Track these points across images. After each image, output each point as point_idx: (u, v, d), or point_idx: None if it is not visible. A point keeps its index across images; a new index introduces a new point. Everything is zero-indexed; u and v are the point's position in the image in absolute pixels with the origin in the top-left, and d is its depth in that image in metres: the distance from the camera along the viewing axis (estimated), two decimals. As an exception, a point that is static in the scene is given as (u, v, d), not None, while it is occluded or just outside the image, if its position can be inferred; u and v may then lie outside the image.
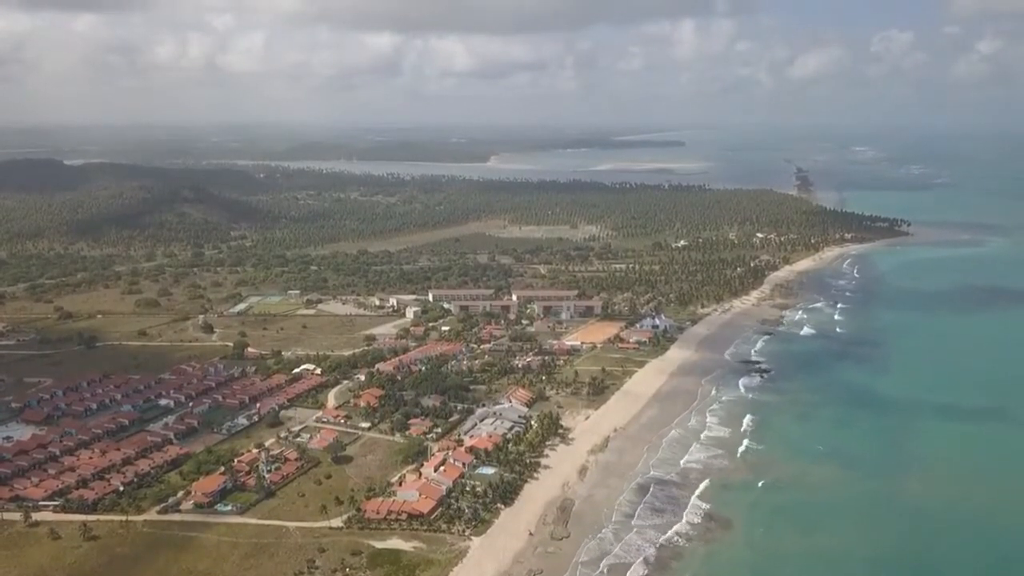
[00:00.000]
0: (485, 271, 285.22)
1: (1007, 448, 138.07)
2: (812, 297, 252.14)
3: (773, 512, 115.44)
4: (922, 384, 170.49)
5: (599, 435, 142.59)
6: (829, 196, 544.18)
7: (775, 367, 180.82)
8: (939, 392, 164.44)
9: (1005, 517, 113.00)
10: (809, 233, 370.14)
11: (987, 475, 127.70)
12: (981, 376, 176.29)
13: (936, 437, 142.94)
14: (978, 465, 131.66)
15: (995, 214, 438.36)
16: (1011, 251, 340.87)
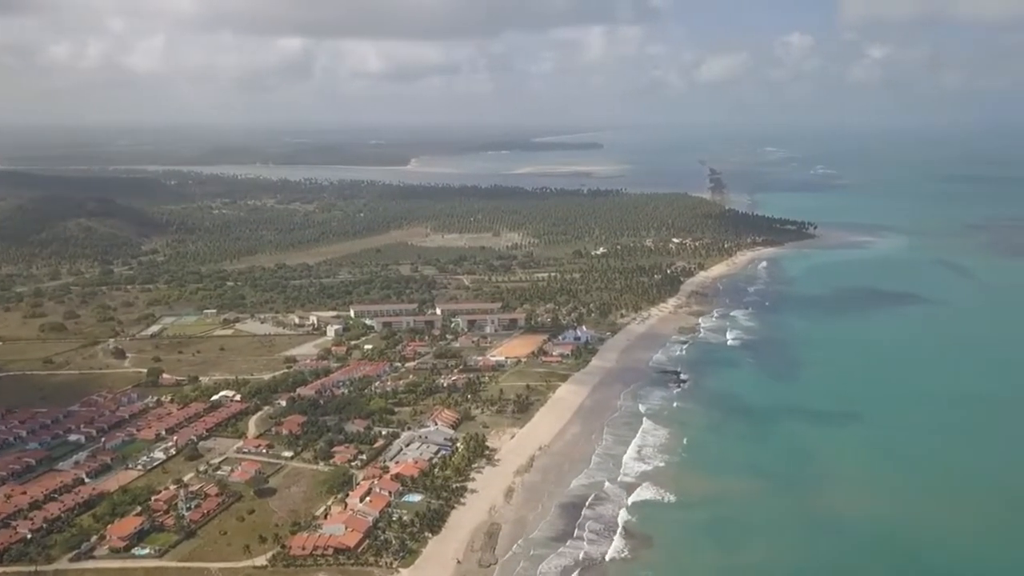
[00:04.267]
0: (408, 284, 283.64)
1: (910, 454, 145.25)
2: (727, 303, 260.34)
3: (693, 528, 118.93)
4: (831, 391, 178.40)
5: (525, 455, 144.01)
6: (741, 199, 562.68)
7: (693, 377, 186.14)
8: (847, 400, 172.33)
9: (913, 527, 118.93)
10: (723, 237, 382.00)
11: (894, 484, 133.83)
12: (885, 382, 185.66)
13: (844, 445, 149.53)
14: (884, 473, 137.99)
15: (893, 214, 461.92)
16: (908, 251, 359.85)
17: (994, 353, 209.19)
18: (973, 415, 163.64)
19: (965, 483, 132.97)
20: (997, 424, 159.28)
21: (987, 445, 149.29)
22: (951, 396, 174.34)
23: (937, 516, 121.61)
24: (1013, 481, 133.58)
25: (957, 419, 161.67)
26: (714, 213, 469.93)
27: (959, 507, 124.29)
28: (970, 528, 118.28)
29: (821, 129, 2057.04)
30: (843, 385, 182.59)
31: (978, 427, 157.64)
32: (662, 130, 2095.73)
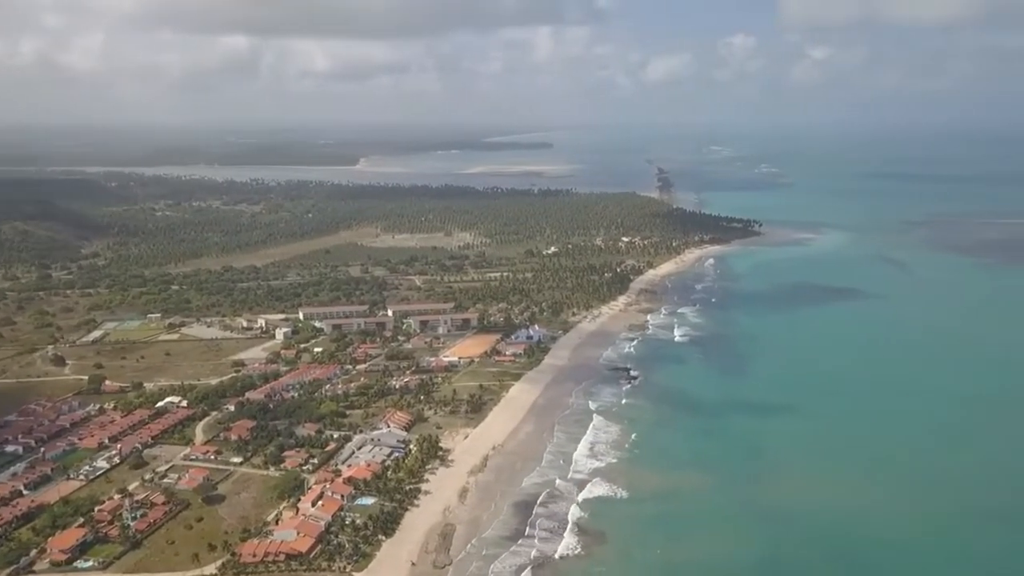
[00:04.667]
0: (358, 285, 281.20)
1: (852, 445, 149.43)
2: (675, 300, 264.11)
3: (645, 523, 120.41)
4: (776, 385, 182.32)
5: (478, 455, 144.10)
6: (689, 197, 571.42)
7: (643, 373, 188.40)
8: (791, 392, 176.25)
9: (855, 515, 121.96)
10: (671, 236, 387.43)
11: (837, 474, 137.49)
12: (828, 375, 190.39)
13: (788, 437, 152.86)
14: (827, 464, 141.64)
15: (834, 212, 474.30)
16: (849, 247, 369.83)
17: (930, 344, 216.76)
18: (911, 404, 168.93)
19: (904, 471, 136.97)
20: (934, 412, 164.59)
21: (925, 433, 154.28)
22: (890, 386, 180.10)
23: (877, 504, 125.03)
24: (950, 467, 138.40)
25: (896, 408, 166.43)
26: (662, 212, 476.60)
27: (898, 495, 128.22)
28: (907, 515, 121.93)
29: (765, 128, 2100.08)
30: (788, 378, 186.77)
31: (915, 416, 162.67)
32: (610, 130, 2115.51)
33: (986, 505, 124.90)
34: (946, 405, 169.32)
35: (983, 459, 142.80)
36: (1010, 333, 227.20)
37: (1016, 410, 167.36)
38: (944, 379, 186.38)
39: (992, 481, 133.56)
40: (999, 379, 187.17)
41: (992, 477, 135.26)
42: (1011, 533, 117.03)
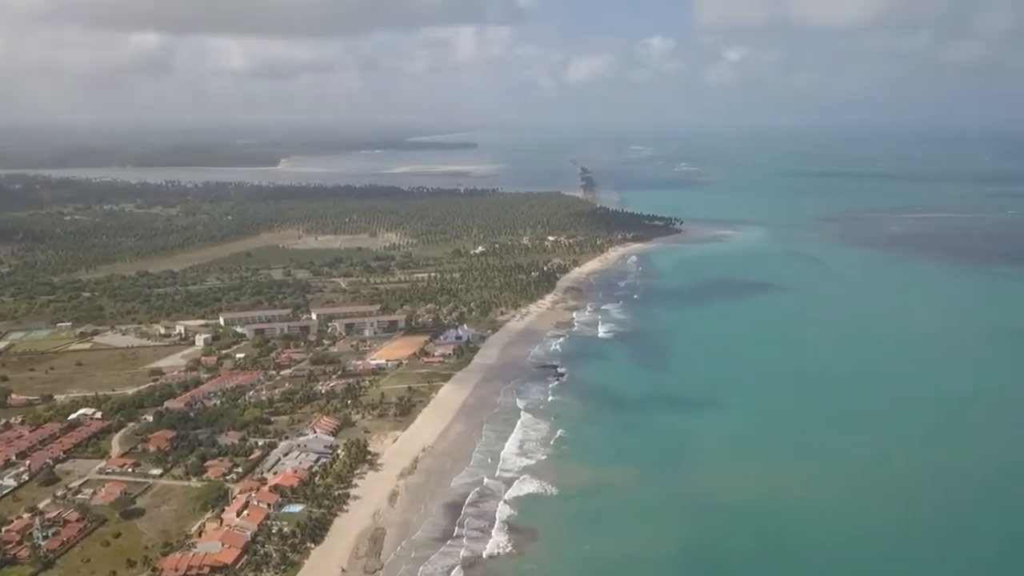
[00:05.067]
0: (281, 288, 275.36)
1: (772, 434, 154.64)
2: (600, 298, 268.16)
3: (575, 518, 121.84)
4: (698, 377, 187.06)
5: (408, 457, 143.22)
6: (611, 196, 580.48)
7: (570, 370, 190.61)
8: (713, 384, 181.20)
9: (779, 503, 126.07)
10: (595, 234, 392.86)
11: (759, 463, 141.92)
12: (748, 366, 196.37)
13: (711, 428, 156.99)
14: (749, 453, 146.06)
15: (751, 209, 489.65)
16: (766, 243, 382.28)
17: (841, 333, 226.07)
18: (828, 392, 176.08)
19: (825, 458, 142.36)
20: (850, 399, 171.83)
21: (843, 419, 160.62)
22: (806, 376, 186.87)
23: (801, 491, 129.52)
24: (869, 451, 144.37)
25: (813, 397, 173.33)
26: (586, 211, 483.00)
27: (820, 481, 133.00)
28: (830, 500, 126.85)
29: (684, 128, 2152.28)
30: (709, 371, 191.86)
31: (833, 403, 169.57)
32: (534, 130, 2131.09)
33: (905, 485, 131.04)
34: (860, 391, 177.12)
35: (901, 442, 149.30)
36: (914, 320, 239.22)
37: (922, 392, 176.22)
38: (856, 366, 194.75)
39: (910, 462, 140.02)
40: (907, 364, 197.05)
41: (910, 458, 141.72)
42: (928, 509, 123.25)
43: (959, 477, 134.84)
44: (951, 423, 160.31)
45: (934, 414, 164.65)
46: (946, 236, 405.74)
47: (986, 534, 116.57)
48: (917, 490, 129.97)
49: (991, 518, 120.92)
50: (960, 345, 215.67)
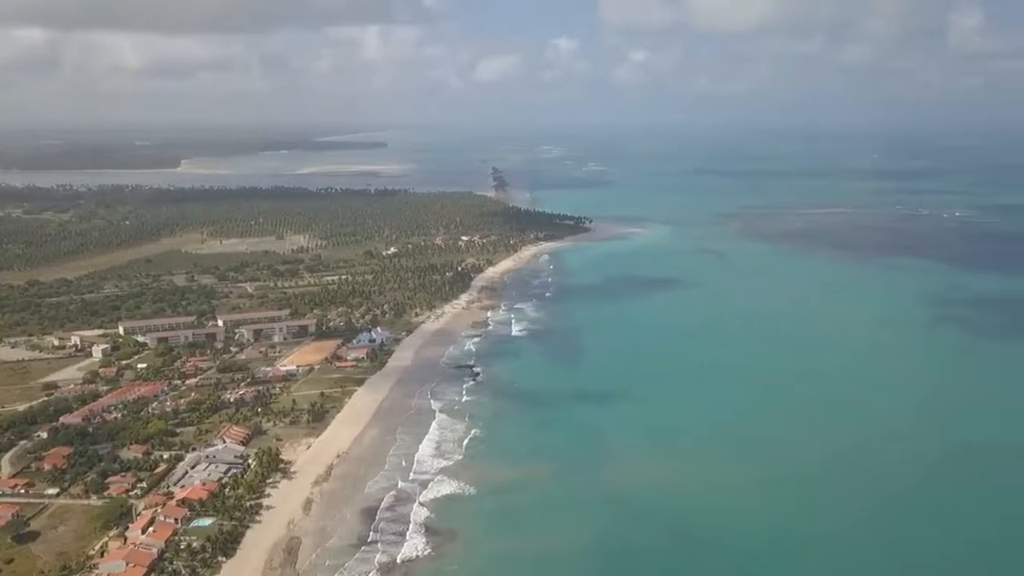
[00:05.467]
0: (184, 295, 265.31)
1: (684, 425, 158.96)
2: (514, 296, 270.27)
3: (495, 517, 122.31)
4: (612, 372, 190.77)
5: (322, 464, 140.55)
6: (523, 196, 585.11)
7: (485, 370, 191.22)
8: (625, 379, 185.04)
9: (694, 494, 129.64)
10: (508, 234, 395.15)
11: (673, 455, 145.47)
12: (659, 359, 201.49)
13: (625, 421, 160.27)
14: (663, 445, 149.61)
15: (657, 207, 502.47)
16: (672, 240, 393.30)
17: (747, 327, 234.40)
18: (733, 384, 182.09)
19: (737, 446, 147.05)
20: (754, 391, 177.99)
21: (752, 408, 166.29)
22: (714, 368, 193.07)
23: (715, 481, 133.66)
24: (780, 440, 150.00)
25: (720, 389, 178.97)
26: (498, 211, 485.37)
27: (733, 470, 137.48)
28: (744, 488, 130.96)
29: (592, 128, 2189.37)
30: (621, 366, 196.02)
31: (738, 395, 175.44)
32: (445, 130, 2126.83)
33: (810, 470, 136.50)
34: (763, 381, 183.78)
35: (804, 427, 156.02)
36: (812, 311, 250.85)
37: (821, 379, 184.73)
38: (758, 357, 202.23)
39: (822, 450, 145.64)
40: (806, 352, 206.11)
41: (814, 443, 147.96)
42: (842, 497, 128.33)
43: (860, 458, 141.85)
44: (851, 406, 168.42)
45: (833, 398, 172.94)
46: (839, 230, 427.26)
47: (889, 514, 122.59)
48: (821, 475, 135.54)
49: (894, 498, 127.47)
50: (853, 332, 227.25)
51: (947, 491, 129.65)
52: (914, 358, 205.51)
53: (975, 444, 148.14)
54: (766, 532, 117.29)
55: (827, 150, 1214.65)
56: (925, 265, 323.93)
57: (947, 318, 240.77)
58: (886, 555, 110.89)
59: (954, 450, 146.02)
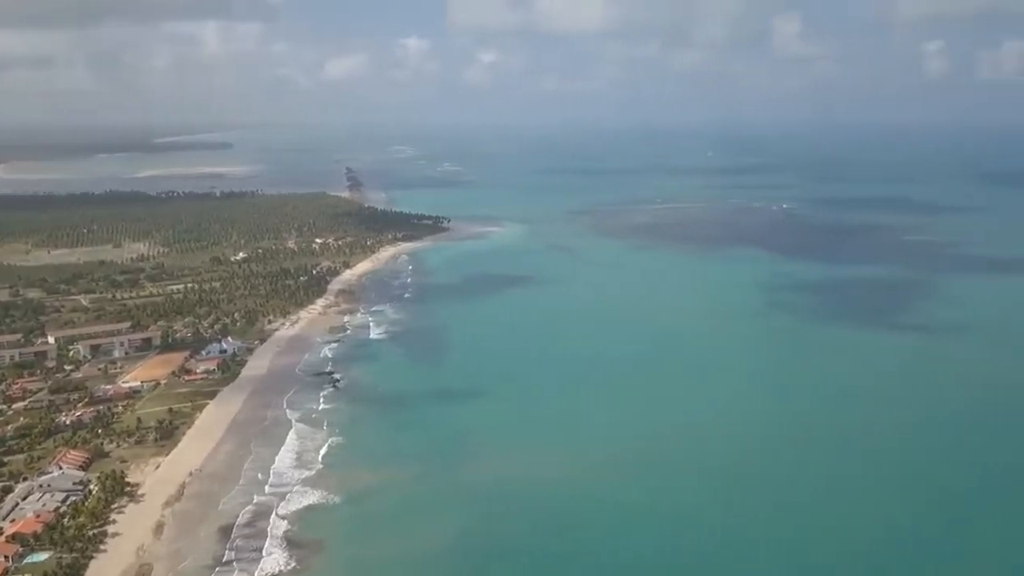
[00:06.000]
0: (8, 311, 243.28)
1: (548, 417, 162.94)
2: (374, 299, 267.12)
3: (363, 524, 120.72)
4: (475, 369, 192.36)
5: (174, 484, 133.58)
6: (379, 196, 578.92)
7: (345, 375, 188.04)
8: (488, 376, 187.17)
9: (561, 485, 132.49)
10: (365, 235, 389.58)
11: (540, 447, 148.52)
12: (519, 355, 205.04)
13: (490, 418, 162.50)
14: (529, 439, 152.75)
15: (511, 206, 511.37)
16: (526, 238, 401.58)
17: (602, 320, 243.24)
18: (592, 375, 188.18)
19: (601, 437, 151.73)
20: (612, 381, 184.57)
21: (607, 401, 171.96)
22: (572, 361, 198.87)
23: (581, 471, 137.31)
24: (630, 428, 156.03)
25: (579, 381, 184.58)
26: (354, 211, 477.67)
27: (600, 459, 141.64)
28: (612, 476, 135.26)
29: (445, 128, 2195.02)
30: (483, 363, 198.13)
31: (597, 386, 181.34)
32: (295, 129, 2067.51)
33: (672, 456, 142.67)
34: (619, 371, 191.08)
35: (659, 413, 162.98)
36: (661, 301, 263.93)
37: (673, 366, 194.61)
38: (614, 348, 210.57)
39: (668, 432, 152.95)
40: (657, 341, 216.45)
41: (669, 428, 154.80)
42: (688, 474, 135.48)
43: (702, 435, 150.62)
44: (694, 389, 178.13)
45: (678, 383, 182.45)
46: (680, 224, 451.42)
47: (730, 486, 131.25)
48: (683, 460, 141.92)
49: (733, 471, 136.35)
50: (695, 320, 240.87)
51: (777, 462, 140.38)
52: (749, 342, 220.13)
53: (804, 419, 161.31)
54: (620, 513, 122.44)
55: (667, 148, 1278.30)
56: (757, 255, 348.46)
57: (776, 304, 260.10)
58: (729, 524, 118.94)
59: (784, 425, 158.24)
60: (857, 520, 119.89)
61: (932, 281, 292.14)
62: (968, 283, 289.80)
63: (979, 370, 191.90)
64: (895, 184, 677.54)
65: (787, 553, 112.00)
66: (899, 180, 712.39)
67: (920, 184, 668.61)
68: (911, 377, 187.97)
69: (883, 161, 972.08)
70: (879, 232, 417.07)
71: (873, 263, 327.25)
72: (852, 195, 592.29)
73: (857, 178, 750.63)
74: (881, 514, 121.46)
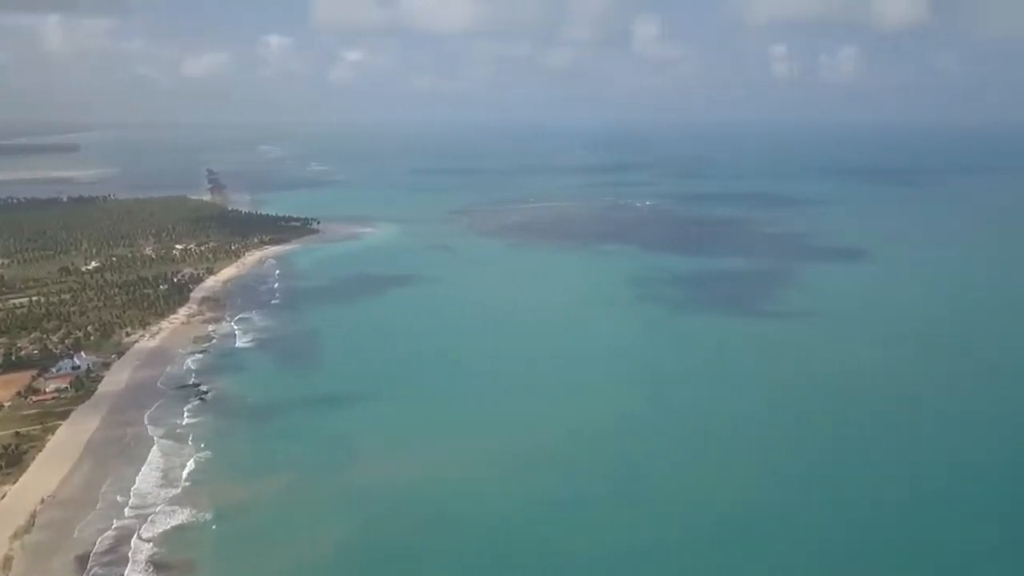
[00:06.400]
0: None
1: (431, 420, 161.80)
2: (241, 305, 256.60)
3: (234, 539, 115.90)
4: (349, 375, 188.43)
5: (23, 513, 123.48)
6: (243, 198, 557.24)
7: (212, 386, 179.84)
8: (364, 380, 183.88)
9: (440, 484, 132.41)
10: (230, 239, 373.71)
11: (418, 450, 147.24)
12: (397, 359, 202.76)
13: (365, 423, 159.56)
14: (407, 442, 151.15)
15: (386, 205, 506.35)
16: (404, 237, 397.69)
17: (482, 317, 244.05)
18: (473, 372, 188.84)
19: (479, 435, 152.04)
20: (493, 377, 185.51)
21: (488, 396, 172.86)
22: (453, 359, 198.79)
23: (453, 468, 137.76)
24: (514, 421, 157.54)
25: (461, 378, 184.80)
26: (217, 215, 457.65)
27: (468, 457, 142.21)
28: (486, 473, 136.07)
29: (312, 127, 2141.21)
30: (359, 365, 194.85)
31: (477, 382, 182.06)
32: (153, 129, 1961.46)
33: (556, 448, 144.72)
34: (503, 367, 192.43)
35: (541, 407, 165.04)
36: (537, 298, 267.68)
37: (552, 360, 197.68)
38: (492, 344, 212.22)
39: (551, 426, 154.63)
40: (535, 337, 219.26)
41: (551, 422, 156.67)
42: (574, 466, 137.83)
43: (596, 431, 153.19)
44: (573, 383, 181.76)
45: (557, 377, 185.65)
46: (555, 222, 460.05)
47: (632, 487, 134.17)
48: (564, 451, 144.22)
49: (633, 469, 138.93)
50: (572, 314, 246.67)
51: (655, 447, 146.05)
52: (620, 333, 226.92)
53: (674, 404, 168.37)
54: (505, 508, 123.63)
55: (540, 148, 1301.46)
56: (626, 250, 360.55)
57: (644, 296, 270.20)
58: (610, 514, 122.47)
59: (660, 410, 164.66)
60: (729, 504, 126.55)
61: (785, 270, 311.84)
62: (816, 271, 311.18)
63: (826, 349, 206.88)
64: (750, 180, 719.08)
65: (665, 537, 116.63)
66: (753, 176, 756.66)
67: (771, 179, 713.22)
68: (767, 358, 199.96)
69: (739, 158, 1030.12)
70: (737, 225, 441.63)
71: (732, 255, 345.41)
72: (712, 191, 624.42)
73: (716, 175, 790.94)
74: (741, 488, 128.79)
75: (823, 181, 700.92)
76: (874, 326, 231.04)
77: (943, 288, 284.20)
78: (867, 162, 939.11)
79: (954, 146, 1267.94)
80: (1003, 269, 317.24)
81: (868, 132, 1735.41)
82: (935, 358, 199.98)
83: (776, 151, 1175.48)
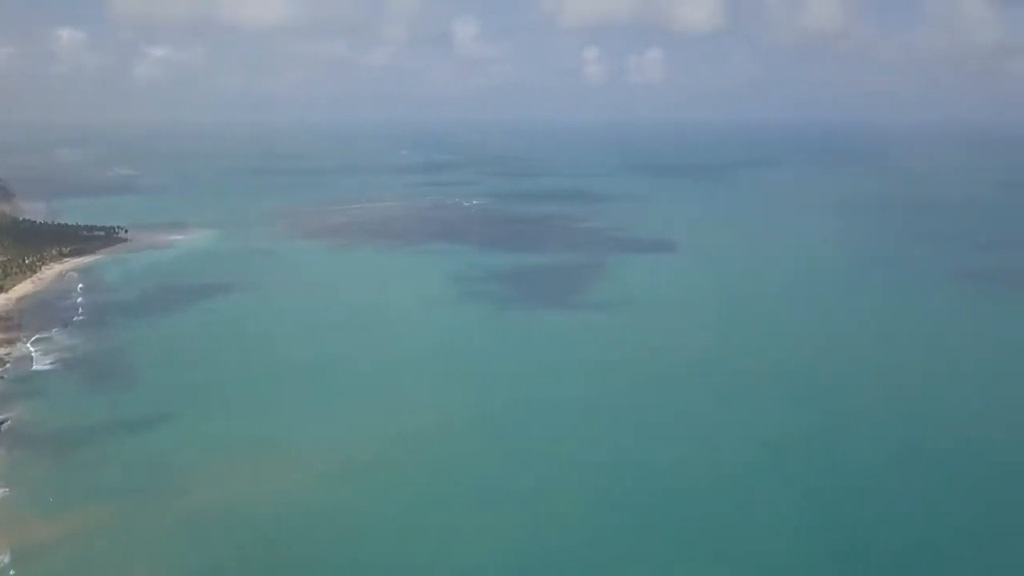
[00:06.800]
0: None
1: (256, 437, 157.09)
2: (39, 325, 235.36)
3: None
4: (166, 393, 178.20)
5: None
6: (37, 207, 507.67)
7: (9, 416, 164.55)
8: (180, 398, 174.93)
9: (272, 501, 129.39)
10: (23, 252, 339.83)
11: (250, 468, 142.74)
12: (218, 371, 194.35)
13: (187, 442, 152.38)
14: (238, 461, 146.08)
15: (201, 210, 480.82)
16: (222, 242, 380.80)
17: (307, 322, 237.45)
18: (296, 381, 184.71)
19: (314, 447, 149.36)
20: (322, 385, 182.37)
21: (316, 405, 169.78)
22: (278, 370, 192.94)
23: (290, 481, 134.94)
24: (352, 433, 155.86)
25: (282, 388, 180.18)
26: (6, 226, 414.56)
27: (302, 470, 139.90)
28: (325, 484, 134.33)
29: (116, 128, 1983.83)
30: (177, 382, 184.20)
31: (303, 391, 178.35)
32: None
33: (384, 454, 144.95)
34: (335, 375, 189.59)
35: (379, 412, 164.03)
36: (365, 299, 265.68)
37: (388, 362, 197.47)
38: (325, 348, 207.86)
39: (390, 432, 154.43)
40: (368, 339, 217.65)
41: (389, 428, 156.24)
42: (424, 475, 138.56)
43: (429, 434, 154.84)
44: (408, 384, 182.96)
45: (394, 379, 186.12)
46: (380, 222, 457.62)
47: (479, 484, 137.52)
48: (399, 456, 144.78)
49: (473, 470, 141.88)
50: (403, 314, 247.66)
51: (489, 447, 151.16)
52: (449, 332, 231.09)
53: (502, 399, 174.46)
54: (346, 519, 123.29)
55: (363, 147, 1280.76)
56: (451, 248, 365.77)
57: (470, 292, 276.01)
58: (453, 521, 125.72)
59: (487, 409, 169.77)
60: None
61: (602, 263, 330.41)
62: (631, 262, 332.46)
63: (639, 337, 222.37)
64: (568, 178, 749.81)
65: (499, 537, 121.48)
66: (571, 174, 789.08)
67: (588, 177, 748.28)
68: (588, 347, 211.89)
69: (558, 157, 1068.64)
70: (557, 222, 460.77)
71: (553, 251, 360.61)
72: (535, 189, 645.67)
73: (538, 172, 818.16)
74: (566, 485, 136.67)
75: (634, 177, 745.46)
76: (687, 311, 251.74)
77: (744, 273, 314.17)
78: (673, 159, 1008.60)
79: (748, 142, 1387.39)
80: (792, 253, 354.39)
81: (672, 130, 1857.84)
82: (741, 336, 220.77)
83: (592, 150, 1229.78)
